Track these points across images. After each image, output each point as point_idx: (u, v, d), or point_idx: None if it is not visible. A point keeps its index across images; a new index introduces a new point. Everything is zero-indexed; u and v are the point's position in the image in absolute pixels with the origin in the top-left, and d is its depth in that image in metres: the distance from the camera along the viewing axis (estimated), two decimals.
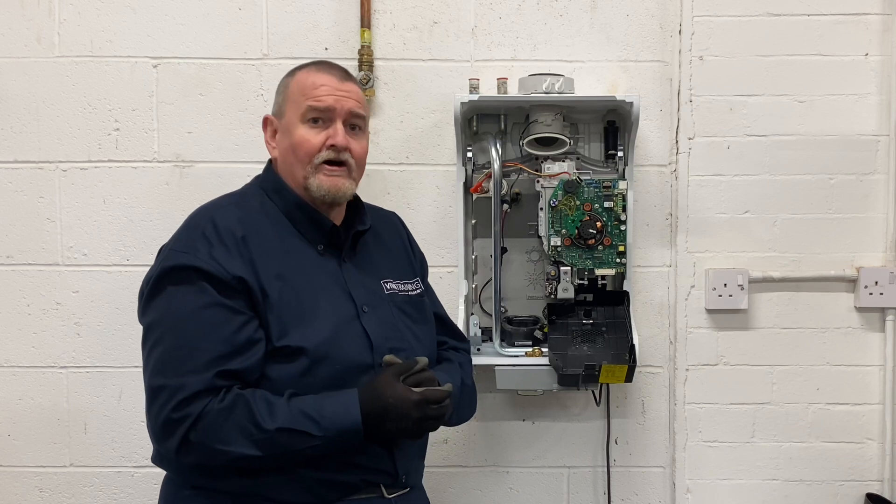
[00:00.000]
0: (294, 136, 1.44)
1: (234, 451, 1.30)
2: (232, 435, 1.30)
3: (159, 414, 1.31)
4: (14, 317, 2.11)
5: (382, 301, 1.51)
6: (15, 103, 2.08)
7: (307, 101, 1.44)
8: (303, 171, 1.44)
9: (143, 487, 2.14)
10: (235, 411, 1.30)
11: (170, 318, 1.35)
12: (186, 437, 1.30)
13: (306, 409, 1.32)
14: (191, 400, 1.29)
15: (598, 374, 1.89)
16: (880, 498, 2.13)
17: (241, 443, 1.30)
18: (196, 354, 1.31)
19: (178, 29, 2.08)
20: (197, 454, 1.31)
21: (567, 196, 1.95)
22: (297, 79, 1.48)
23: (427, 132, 2.10)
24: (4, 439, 2.13)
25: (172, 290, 1.35)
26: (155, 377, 1.33)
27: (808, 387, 2.15)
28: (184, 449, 1.31)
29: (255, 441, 1.30)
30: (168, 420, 1.30)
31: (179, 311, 1.34)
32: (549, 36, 2.09)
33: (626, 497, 2.18)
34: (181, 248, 1.38)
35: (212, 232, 1.38)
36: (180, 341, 1.33)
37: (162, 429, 1.31)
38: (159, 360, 1.33)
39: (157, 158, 2.09)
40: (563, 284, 1.97)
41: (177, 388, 1.30)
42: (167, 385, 1.30)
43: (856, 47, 2.09)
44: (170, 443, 1.31)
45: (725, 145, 2.11)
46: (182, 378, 1.30)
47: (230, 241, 1.38)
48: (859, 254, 2.13)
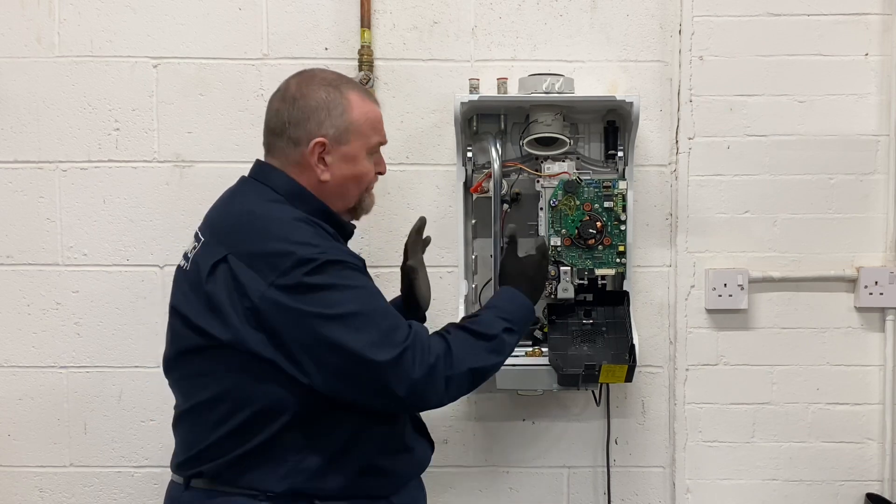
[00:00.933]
0: (360, 168, 1.51)
1: (487, 364, 1.46)
2: (477, 352, 1.44)
3: (412, 372, 1.35)
4: (14, 317, 2.11)
5: None
6: (15, 103, 2.08)
7: (377, 138, 1.53)
8: (358, 196, 1.54)
9: (143, 487, 2.14)
10: (465, 335, 1.45)
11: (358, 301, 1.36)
12: (448, 374, 1.39)
13: (499, 314, 1.52)
14: (430, 344, 1.39)
15: (598, 374, 1.89)
16: (880, 498, 2.13)
17: (486, 356, 1.46)
18: (399, 319, 1.40)
19: (178, 29, 2.08)
20: (462, 382, 1.43)
21: (567, 196, 1.95)
22: (360, 108, 1.49)
23: (427, 132, 2.10)
24: (4, 439, 2.13)
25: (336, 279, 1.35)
26: (384, 351, 1.34)
27: (808, 387, 2.15)
28: (451, 384, 1.40)
29: (494, 349, 1.47)
30: (427, 368, 1.37)
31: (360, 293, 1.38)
32: (549, 36, 2.09)
33: (626, 497, 2.18)
34: (305, 246, 1.35)
35: (308, 225, 1.40)
36: (385, 314, 1.39)
37: (424, 380, 1.37)
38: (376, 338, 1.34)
39: (157, 158, 2.09)
40: (563, 284, 1.97)
41: (413, 343, 1.36)
42: (405, 347, 1.35)
43: (856, 47, 2.09)
44: (435, 387, 1.39)
45: (725, 145, 2.11)
46: (409, 337, 1.37)
47: (328, 235, 1.43)
48: (859, 254, 2.13)
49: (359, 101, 1.50)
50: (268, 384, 1.36)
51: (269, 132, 1.51)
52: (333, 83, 1.49)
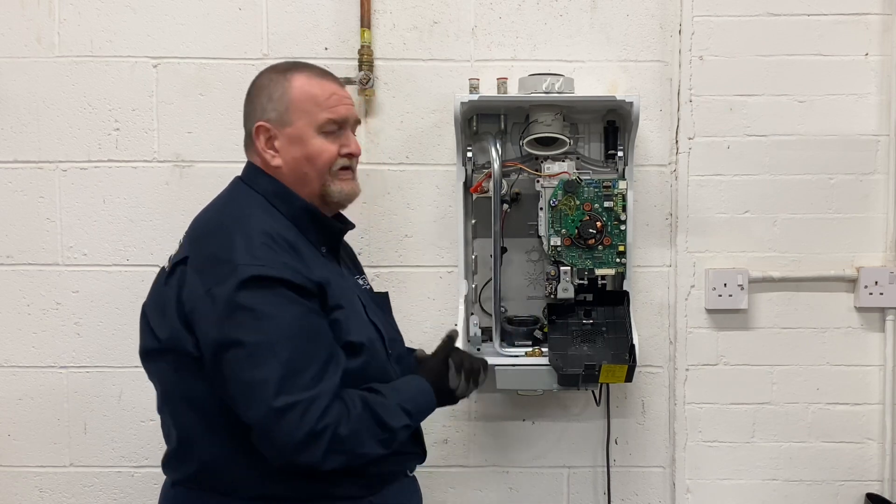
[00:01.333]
0: (310, 147, 1.44)
1: (369, 452, 1.36)
2: (366, 438, 1.35)
3: (297, 429, 1.27)
4: (14, 317, 2.11)
5: (367, 296, 1.57)
6: (15, 103, 2.08)
7: (324, 113, 1.45)
8: (320, 180, 1.46)
9: (143, 487, 2.14)
10: (366, 416, 1.35)
11: (275, 332, 1.30)
12: (331, 446, 1.30)
13: (402, 403, 1.41)
14: (329, 409, 1.30)
15: (598, 374, 1.89)
16: (880, 498, 2.13)
17: (372, 444, 1.36)
18: (314, 363, 1.31)
19: (178, 29, 2.08)
20: (339, 460, 1.32)
21: (567, 196, 1.95)
22: (301, 86, 1.45)
23: (427, 132, 2.10)
24: (4, 439, 2.13)
25: (260, 303, 1.30)
26: (281, 395, 1.27)
27: (808, 387, 2.15)
28: (328, 457, 1.30)
29: (383, 441, 1.37)
30: (312, 432, 1.28)
31: (281, 322, 1.30)
32: (549, 36, 2.09)
33: (626, 497, 2.18)
34: (248, 261, 1.31)
35: (271, 241, 1.35)
36: (296, 353, 1.30)
37: (304, 442, 1.28)
38: (282, 375, 1.28)
39: (157, 158, 2.09)
40: (563, 284, 1.97)
41: (312, 399, 1.28)
42: (301, 399, 1.28)
43: (856, 47, 2.09)
44: (313, 454, 1.29)
45: (725, 145, 2.11)
46: (312, 390, 1.29)
47: (287, 248, 1.37)
48: (859, 254, 2.13)
49: (303, 80, 1.46)
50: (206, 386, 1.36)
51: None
52: (281, 69, 1.49)
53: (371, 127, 2.09)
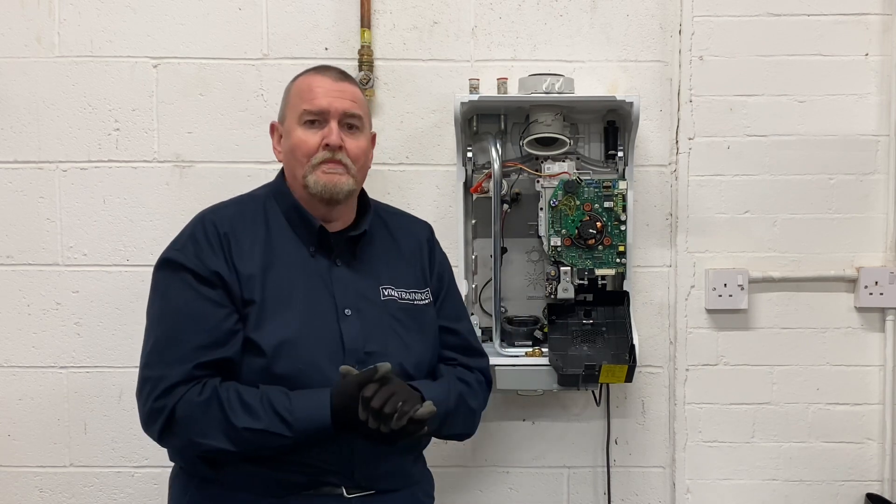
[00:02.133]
0: (293, 139, 1.49)
1: (209, 443, 1.37)
2: (208, 428, 1.37)
3: (145, 403, 1.40)
4: (14, 317, 2.11)
5: (374, 306, 1.51)
6: (15, 103, 2.08)
7: (303, 105, 1.49)
8: (302, 171, 1.49)
9: (143, 487, 2.14)
10: (211, 406, 1.37)
11: (159, 311, 1.45)
12: (167, 426, 1.38)
13: (279, 408, 1.36)
14: (169, 391, 1.37)
15: (598, 374, 1.90)
16: (880, 498, 2.13)
17: (215, 437, 1.37)
18: (180, 346, 1.39)
19: (178, 29, 2.08)
20: (176, 442, 1.41)
21: (567, 196, 1.95)
22: (296, 84, 1.54)
23: (427, 132, 2.10)
24: (4, 439, 2.13)
25: (162, 284, 1.45)
26: (144, 368, 1.42)
27: (808, 387, 2.15)
28: (165, 437, 1.40)
29: (229, 437, 1.37)
30: (151, 410, 1.39)
31: (167, 303, 1.44)
32: (549, 36, 2.09)
33: (626, 497, 2.18)
34: (173, 246, 1.48)
35: (200, 230, 1.46)
36: (168, 333, 1.41)
37: (147, 417, 1.40)
38: (149, 350, 1.42)
39: (157, 158, 2.09)
40: (563, 284, 1.97)
41: (159, 378, 1.38)
42: (151, 376, 1.39)
43: (856, 47, 2.09)
44: (153, 430, 1.41)
45: (725, 145, 2.11)
46: (164, 369, 1.38)
47: (214, 238, 1.45)
48: (859, 254, 2.13)
49: (303, 77, 1.54)
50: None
51: None
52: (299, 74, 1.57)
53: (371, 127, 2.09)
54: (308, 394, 1.39)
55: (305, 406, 1.37)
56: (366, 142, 1.54)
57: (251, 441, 1.36)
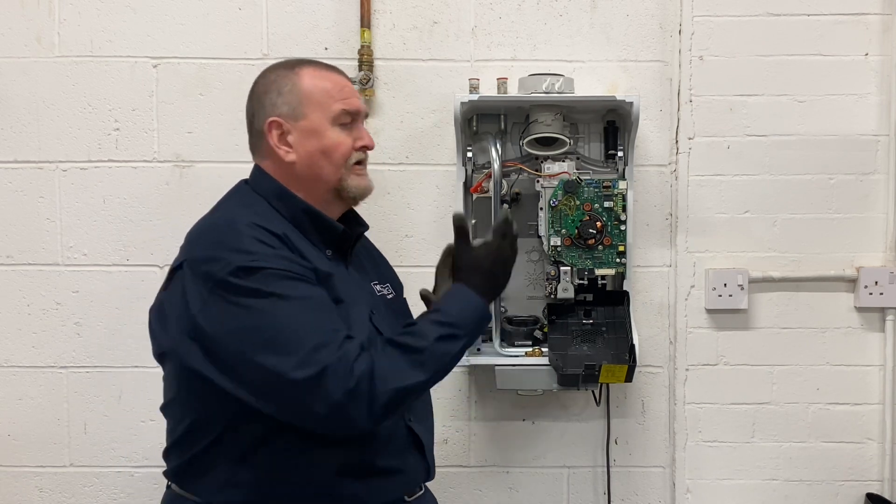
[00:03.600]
0: (327, 140, 1.41)
1: (411, 383, 1.29)
2: (402, 370, 1.29)
3: (333, 392, 1.24)
4: (14, 317, 2.11)
5: (379, 303, 1.52)
6: (15, 103, 2.08)
7: (338, 104, 1.42)
8: (337, 174, 1.42)
9: (143, 487, 2.14)
10: (392, 350, 1.30)
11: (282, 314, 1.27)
12: (372, 394, 1.26)
13: (438, 319, 1.35)
14: (354, 364, 1.26)
15: (598, 374, 1.89)
16: (880, 498, 2.13)
17: (412, 373, 1.29)
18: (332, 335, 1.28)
19: (178, 29, 2.08)
20: (385, 403, 1.27)
21: (567, 196, 1.95)
22: (311, 79, 1.43)
23: (427, 132, 2.10)
24: (4, 439, 2.13)
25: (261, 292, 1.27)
26: (303, 369, 1.24)
27: (808, 387, 2.15)
28: (374, 405, 1.26)
29: (421, 364, 1.30)
30: (351, 392, 1.25)
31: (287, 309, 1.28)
32: (549, 36, 2.09)
33: (626, 497, 2.18)
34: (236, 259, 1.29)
35: (259, 233, 1.32)
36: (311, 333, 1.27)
37: (345, 401, 1.25)
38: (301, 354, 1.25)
39: (157, 158, 2.09)
40: (563, 284, 1.97)
41: (339, 359, 1.25)
42: (327, 365, 1.24)
43: (856, 47, 2.09)
44: (358, 409, 1.26)
45: (725, 145, 2.11)
46: (334, 354, 1.25)
47: (276, 240, 1.33)
48: (859, 254, 2.13)
49: (311, 73, 1.44)
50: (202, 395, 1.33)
51: (248, 131, 1.48)
52: (287, 65, 1.46)
53: (371, 127, 2.09)
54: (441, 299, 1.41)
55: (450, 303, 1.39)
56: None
57: (437, 355, 1.32)
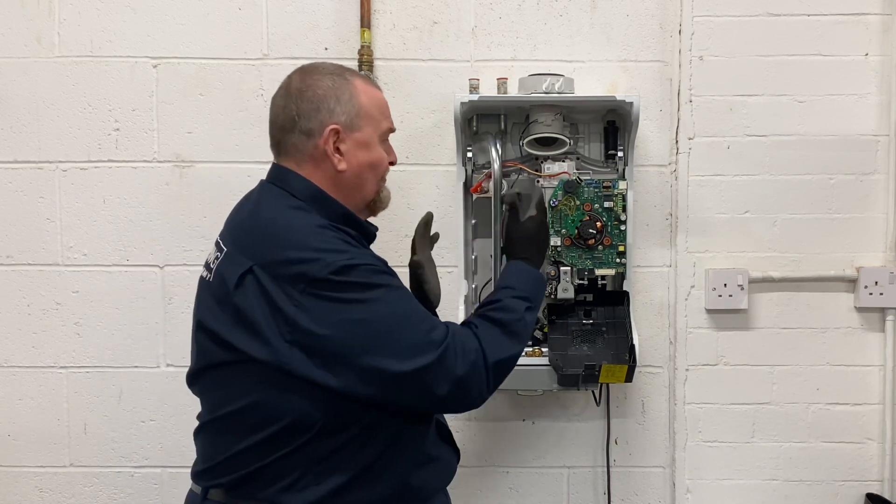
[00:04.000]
0: (375, 154, 1.46)
1: (512, 353, 1.42)
2: (503, 342, 1.41)
3: (455, 369, 1.33)
4: (14, 317, 2.11)
5: None
6: (15, 103, 2.08)
7: (386, 122, 1.49)
8: (376, 187, 1.48)
9: (143, 487, 2.14)
10: (486, 325, 1.42)
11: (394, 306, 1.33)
12: (486, 366, 1.36)
13: (516, 294, 1.47)
14: (464, 339, 1.36)
15: (598, 374, 1.89)
16: (880, 498, 2.13)
17: (510, 345, 1.42)
18: (436, 321, 1.38)
19: (178, 29, 2.08)
20: (496, 375, 1.39)
21: (567, 196, 1.95)
22: (366, 92, 1.44)
23: (427, 132, 2.10)
24: (4, 439, 2.13)
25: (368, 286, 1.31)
26: (425, 353, 1.31)
27: (808, 387, 2.15)
28: (489, 377, 1.37)
29: (517, 334, 1.43)
30: (471, 365, 1.34)
31: (396, 295, 1.34)
32: (549, 36, 2.10)
33: (626, 497, 2.18)
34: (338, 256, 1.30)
35: (342, 234, 1.36)
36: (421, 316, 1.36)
37: (469, 376, 1.34)
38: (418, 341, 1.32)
39: (157, 158, 2.09)
40: (563, 284, 1.97)
41: (451, 342, 1.34)
42: (447, 345, 1.33)
43: (856, 47, 2.09)
44: (478, 382, 1.36)
45: (725, 145, 2.11)
46: (448, 336, 1.34)
47: (352, 240, 1.37)
48: (859, 254, 2.13)
49: (364, 86, 1.46)
50: (297, 398, 1.31)
51: (278, 130, 1.43)
52: (337, 72, 1.45)
53: None
54: (502, 278, 1.54)
55: (517, 278, 1.52)
56: None
57: (529, 325, 1.47)
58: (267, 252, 1.32)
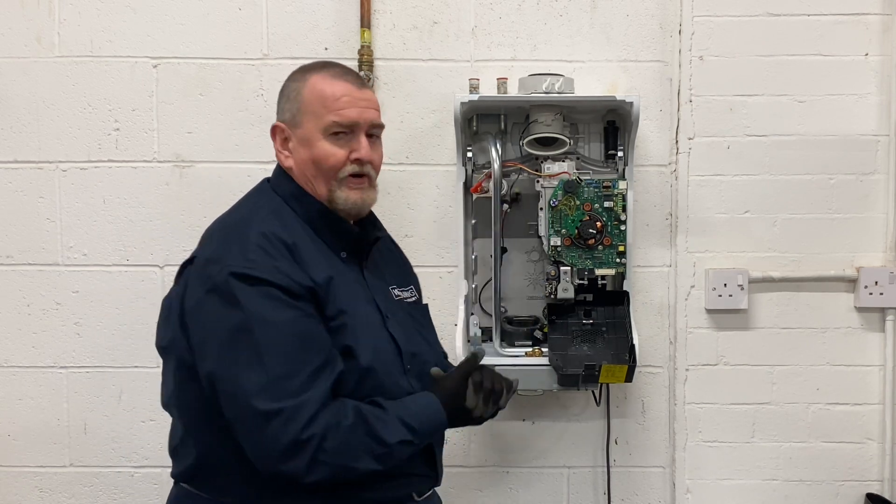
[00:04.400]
0: (316, 151, 1.39)
1: (360, 467, 1.30)
2: (358, 452, 1.29)
3: (281, 436, 1.24)
4: (14, 317, 2.11)
5: (397, 307, 1.49)
6: (15, 103, 2.08)
7: (330, 116, 1.39)
8: (327, 186, 1.41)
9: (143, 487, 2.14)
10: (359, 428, 1.29)
11: (264, 336, 1.27)
12: (315, 457, 1.25)
13: (404, 417, 1.34)
14: (315, 418, 1.25)
15: (598, 374, 1.89)
16: (880, 498, 2.13)
17: (365, 459, 1.30)
18: (301, 370, 1.27)
19: (178, 29, 2.08)
20: (325, 472, 1.27)
21: (567, 196, 1.95)
22: (313, 86, 1.41)
23: (427, 132, 2.10)
24: (4, 439, 2.13)
25: (254, 305, 1.27)
26: (263, 401, 1.24)
27: (808, 387, 2.15)
28: (313, 468, 1.26)
29: (377, 456, 1.31)
30: (296, 441, 1.24)
31: (270, 326, 1.27)
32: (549, 36, 2.09)
33: (626, 497, 2.18)
34: (242, 263, 1.29)
35: (268, 244, 1.32)
36: (284, 359, 1.27)
37: (288, 451, 1.25)
38: (263, 381, 1.25)
39: (157, 158, 2.09)
40: (563, 284, 1.97)
41: (297, 407, 1.24)
42: (284, 407, 1.24)
43: (856, 47, 2.09)
44: (296, 464, 1.26)
45: (725, 145, 2.11)
46: (299, 397, 1.25)
47: (285, 250, 1.33)
48: (859, 254, 2.13)
49: (318, 79, 1.41)
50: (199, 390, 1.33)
51: None
52: (305, 69, 1.45)
53: None
54: (415, 399, 1.39)
55: (420, 411, 1.37)
56: (382, 148, 1.50)
57: (396, 456, 1.33)
58: (206, 247, 1.41)
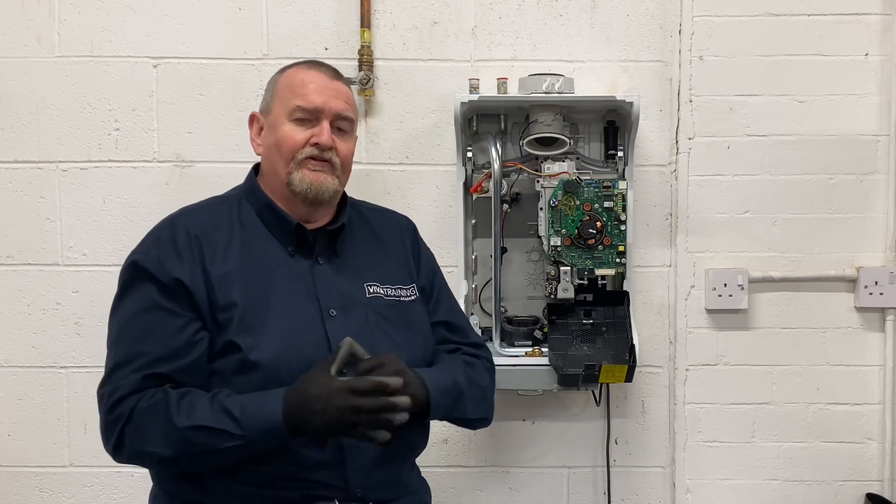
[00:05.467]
0: (278, 133, 1.43)
1: (153, 451, 1.30)
2: (152, 435, 1.29)
3: (102, 419, 1.34)
4: (14, 317, 2.11)
5: (358, 304, 1.45)
6: (15, 103, 2.08)
7: (295, 100, 1.43)
8: (286, 168, 1.43)
9: (142, 487, 2.12)
10: (155, 410, 1.29)
11: (118, 322, 1.41)
12: (119, 440, 1.31)
13: (229, 406, 1.28)
14: (119, 402, 1.31)
15: (598, 374, 1.90)
16: (880, 498, 2.13)
17: (158, 442, 1.28)
18: (134, 359, 1.34)
19: (178, 29, 2.08)
20: (127, 455, 1.34)
21: (567, 196, 1.95)
22: (287, 76, 1.47)
23: (427, 132, 2.10)
24: (4, 439, 2.13)
25: (123, 289, 1.42)
26: (101, 385, 1.36)
27: (808, 387, 2.15)
28: (118, 450, 1.33)
29: (170, 440, 1.27)
30: (106, 423, 1.33)
31: (125, 313, 1.39)
32: (549, 36, 2.09)
33: (626, 497, 2.18)
34: (139, 249, 1.42)
35: (167, 233, 1.41)
36: (124, 347, 1.36)
37: (103, 432, 1.34)
38: (109, 366, 1.37)
39: (157, 158, 2.09)
40: (563, 284, 1.97)
41: (112, 391, 1.33)
42: (104, 392, 1.34)
43: (856, 47, 2.09)
44: (109, 445, 1.34)
45: (725, 145, 2.11)
46: (117, 382, 1.33)
47: (183, 241, 1.38)
48: (859, 254, 2.13)
49: (293, 71, 1.47)
50: None
51: None
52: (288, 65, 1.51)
53: (371, 127, 2.09)
54: (266, 392, 1.30)
55: (257, 400, 1.28)
56: (353, 145, 1.50)
57: (195, 443, 1.26)
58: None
